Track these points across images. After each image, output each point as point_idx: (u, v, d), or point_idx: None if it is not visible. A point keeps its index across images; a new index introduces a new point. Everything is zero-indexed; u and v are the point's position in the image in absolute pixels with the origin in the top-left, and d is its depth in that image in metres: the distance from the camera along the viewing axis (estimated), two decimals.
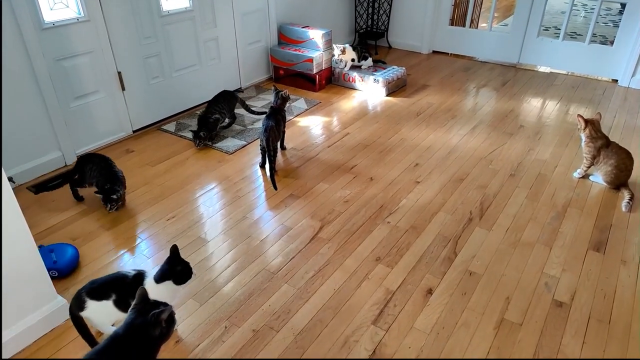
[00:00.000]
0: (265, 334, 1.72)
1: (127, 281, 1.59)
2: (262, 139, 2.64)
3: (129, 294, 1.54)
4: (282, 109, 2.84)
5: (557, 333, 1.71)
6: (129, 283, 1.58)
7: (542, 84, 4.05)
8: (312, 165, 2.82)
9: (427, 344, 1.67)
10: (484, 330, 1.72)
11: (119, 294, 1.57)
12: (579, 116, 2.56)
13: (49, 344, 1.68)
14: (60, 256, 1.98)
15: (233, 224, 2.31)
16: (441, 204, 2.45)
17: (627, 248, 2.12)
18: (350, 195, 2.53)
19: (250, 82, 4.02)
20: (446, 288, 1.91)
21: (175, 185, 2.63)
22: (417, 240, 2.18)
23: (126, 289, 1.57)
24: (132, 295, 1.49)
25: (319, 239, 2.21)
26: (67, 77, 2.71)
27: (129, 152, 2.97)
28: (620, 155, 2.47)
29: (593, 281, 1.94)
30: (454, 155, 2.92)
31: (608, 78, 4.11)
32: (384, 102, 3.71)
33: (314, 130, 3.26)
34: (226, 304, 1.85)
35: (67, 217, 2.36)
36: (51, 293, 1.74)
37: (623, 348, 1.65)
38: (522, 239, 2.19)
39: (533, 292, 1.89)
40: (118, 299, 1.57)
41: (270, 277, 1.98)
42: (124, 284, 1.59)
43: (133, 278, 1.60)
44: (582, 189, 2.56)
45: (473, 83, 4.10)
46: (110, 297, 1.57)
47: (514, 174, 2.71)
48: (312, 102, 3.69)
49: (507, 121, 3.37)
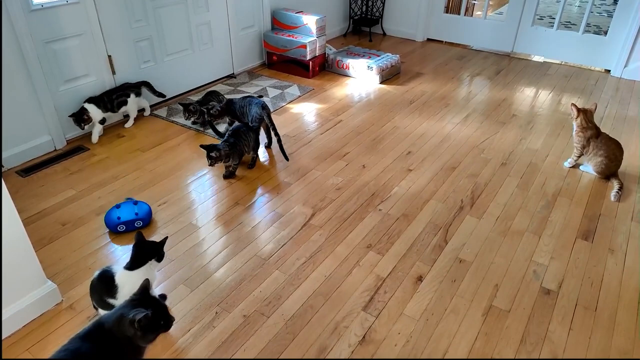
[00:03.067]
0: (255, 320, 1.73)
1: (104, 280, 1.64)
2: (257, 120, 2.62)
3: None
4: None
5: (544, 320, 1.74)
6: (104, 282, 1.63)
7: (536, 73, 4.06)
8: (305, 152, 2.81)
9: (416, 330, 1.69)
10: (473, 317, 1.74)
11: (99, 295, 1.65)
12: (572, 105, 2.56)
13: (39, 328, 1.68)
14: (141, 210, 2.18)
15: (225, 210, 2.31)
16: (433, 192, 2.46)
17: (614, 237, 2.15)
18: (343, 183, 2.53)
19: (243, 67, 3.97)
20: (436, 275, 1.93)
21: (166, 171, 2.61)
22: (408, 228, 2.19)
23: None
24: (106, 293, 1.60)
25: (310, 225, 2.21)
26: (56, 60, 2.67)
27: (120, 137, 2.94)
28: (610, 146, 2.49)
29: (581, 269, 1.97)
30: (446, 144, 2.92)
31: (601, 68, 4.12)
32: (378, 90, 3.70)
33: (306, 117, 3.25)
34: (217, 290, 1.85)
35: (57, 201, 2.34)
36: (40, 277, 1.73)
37: (608, 335, 1.68)
38: (512, 227, 2.21)
39: (521, 280, 1.91)
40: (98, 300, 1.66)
41: (261, 264, 1.98)
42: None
43: (98, 278, 1.65)
44: (572, 179, 2.58)
45: (467, 71, 4.09)
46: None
47: (506, 163, 2.72)
48: (306, 89, 3.66)
49: (500, 110, 3.37)
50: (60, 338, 1.64)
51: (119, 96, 2.90)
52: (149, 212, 2.20)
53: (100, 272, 1.65)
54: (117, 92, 2.91)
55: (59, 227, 2.17)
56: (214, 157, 2.40)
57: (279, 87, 3.69)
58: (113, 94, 2.89)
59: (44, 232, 2.14)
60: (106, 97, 2.86)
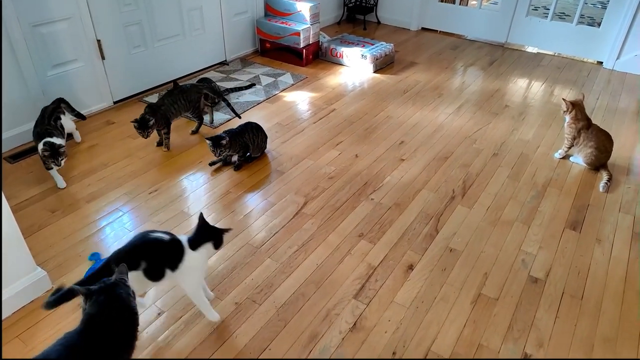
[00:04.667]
0: (247, 307, 1.73)
1: (163, 246, 1.51)
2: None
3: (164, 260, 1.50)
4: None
5: (531, 307, 1.76)
6: (164, 248, 1.51)
7: (529, 64, 4.06)
8: (298, 141, 2.81)
9: (406, 317, 1.71)
10: (462, 305, 1.77)
11: (151, 261, 1.49)
12: (564, 100, 2.57)
13: (29, 315, 1.67)
14: None
15: (216, 199, 2.30)
16: (425, 182, 2.47)
17: (602, 227, 2.18)
18: (335, 172, 2.53)
19: (235, 54, 3.93)
20: (427, 264, 1.95)
21: (157, 158, 2.59)
22: (399, 217, 2.21)
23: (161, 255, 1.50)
24: (168, 262, 1.49)
25: (302, 214, 2.21)
26: (44, 44, 2.62)
27: (110, 123, 2.91)
28: (601, 138, 2.51)
29: (568, 258, 2.00)
30: (439, 134, 2.93)
31: (593, 60, 4.13)
32: (371, 79, 3.68)
33: (300, 106, 3.23)
34: (209, 278, 1.85)
35: (46, 188, 2.31)
36: (30, 264, 1.72)
37: (593, 323, 1.71)
38: (502, 217, 2.23)
39: (510, 269, 1.94)
40: (150, 268, 1.49)
41: (253, 252, 1.99)
42: (157, 249, 1.51)
43: (170, 243, 1.52)
44: (562, 170, 2.60)
45: (461, 61, 4.09)
46: (140, 266, 1.48)
47: (497, 153, 2.74)
48: (299, 77, 3.64)
49: (493, 101, 3.38)
50: (50, 325, 1.64)
51: (55, 119, 2.44)
52: None
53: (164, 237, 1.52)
54: (50, 117, 2.43)
55: (48, 214, 2.15)
56: (222, 146, 2.36)
57: (272, 75, 3.67)
58: (50, 119, 2.42)
59: (33, 219, 2.12)
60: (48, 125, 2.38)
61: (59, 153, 2.22)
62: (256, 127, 2.55)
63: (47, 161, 2.23)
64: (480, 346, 1.61)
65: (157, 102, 2.59)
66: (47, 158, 2.21)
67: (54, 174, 2.32)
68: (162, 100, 2.59)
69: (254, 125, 2.54)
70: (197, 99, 2.73)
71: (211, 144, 2.36)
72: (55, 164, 2.24)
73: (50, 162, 2.23)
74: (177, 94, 2.63)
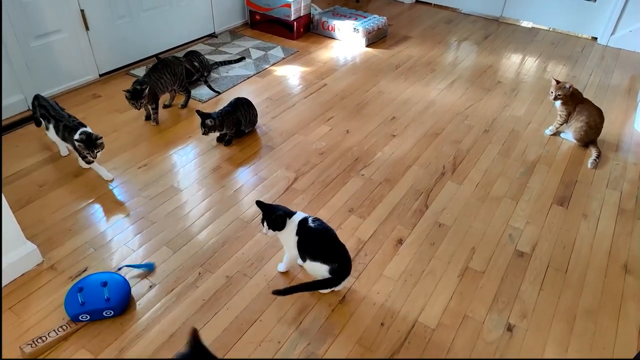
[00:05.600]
0: (238, 280, 1.75)
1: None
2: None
3: None
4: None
5: (516, 280, 1.80)
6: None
7: (523, 39, 4.03)
8: (288, 116, 2.78)
9: (394, 290, 1.74)
10: (449, 278, 1.80)
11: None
12: (557, 81, 2.54)
13: (20, 288, 1.68)
14: (113, 292, 1.60)
15: (207, 174, 2.29)
16: (415, 157, 2.48)
17: (589, 203, 2.22)
18: (326, 147, 2.52)
19: (225, 27, 3.85)
20: (416, 239, 1.97)
21: (146, 132, 2.56)
22: (390, 193, 2.22)
23: None
24: None
25: (293, 189, 2.22)
26: (26, 14, 2.53)
27: (96, 97, 2.86)
28: (592, 113, 2.52)
29: (554, 233, 2.03)
30: (430, 110, 2.92)
31: (588, 36, 4.11)
32: (363, 53, 3.64)
33: (290, 80, 3.19)
34: (200, 252, 1.86)
35: (33, 162, 2.29)
36: (19, 238, 1.72)
37: (576, 295, 1.76)
38: (491, 193, 2.25)
39: (497, 243, 1.97)
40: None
41: (244, 226, 2.00)
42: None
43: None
44: (552, 146, 2.62)
45: (455, 36, 4.04)
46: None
47: (488, 129, 2.74)
48: (290, 51, 3.58)
49: (486, 76, 3.36)
50: (42, 298, 1.65)
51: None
52: (125, 297, 1.62)
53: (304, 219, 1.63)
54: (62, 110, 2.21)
55: (36, 189, 2.13)
56: (209, 126, 2.34)
57: (262, 48, 3.60)
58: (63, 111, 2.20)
59: (21, 193, 2.10)
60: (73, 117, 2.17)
61: (95, 145, 2.04)
62: (247, 102, 2.52)
63: (84, 153, 2.05)
64: (466, 317, 1.65)
65: (142, 78, 2.54)
66: (83, 150, 2.03)
67: (97, 167, 2.17)
68: (147, 76, 2.54)
69: (245, 101, 2.51)
70: (181, 72, 2.68)
71: (200, 122, 2.34)
72: (91, 156, 2.06)
73: (86, 153, 2.05)
74: (161, 68, 2.58)
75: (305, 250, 1.63)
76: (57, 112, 2.17)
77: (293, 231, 1.63)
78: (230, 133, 2.48)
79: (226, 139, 2.49)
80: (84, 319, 1.56)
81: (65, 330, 1.52)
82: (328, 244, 1.62)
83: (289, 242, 1.66)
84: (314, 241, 1.62)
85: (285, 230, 1.63)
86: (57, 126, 2.14)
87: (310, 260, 1.63)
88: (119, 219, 2.00)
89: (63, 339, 1.51)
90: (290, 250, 1.68)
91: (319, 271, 1.62)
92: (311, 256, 1.62)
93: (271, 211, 1.63)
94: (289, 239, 1.65)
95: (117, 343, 1.52)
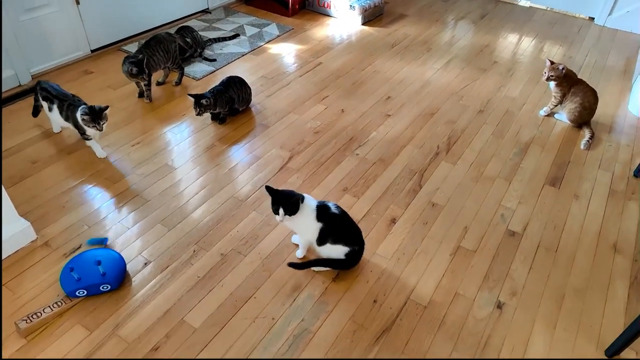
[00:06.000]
0: (233, 258, 1.77)
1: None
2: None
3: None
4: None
5: (507, 259, 1.83)
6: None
7: (521, 18, 3.99)
8: (283, 95, 2.76)
9: (387, 268, 1.76)
10: (441, 256, 1.83)
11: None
12: (552, 63, 2.52)
13: (14, 265, 1.68)
14: (109, 267, 1.62)
15: (201, 152, 2.28)
16: (410, 137, 2.48)
17: (581, 184, 2.24)
18: (321, 127, 2.51)
19: (218, 2, 3.77)
20: (409, 218, 1.99)
21: (139, 110, 2.54)
22: (384, 173, 2.23)
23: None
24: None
25: (287, 168, 2.22)
26: None
27: (88, 73, 2.81)
28: (587, 93, 2.52)
29: (546, 213, 2.06)
30: (426, 90, 2.90)
31: (585, 16, 4.07)
32: (359, 32, 3.59)
33: (285, 59, 3.15)
34: (194, 230, 1.87)
35: (25, 139, 2.26)
36: (13, 215, 1.71)
37: (565, 274, 1.79)
38: (484, 173, 2.26)
39: (489, 223, 1.99)
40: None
41: (238, 205, 2.00)
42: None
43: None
44: (546, 127, 2.62)
45: (452, 14, 3.99)
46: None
47: (483, 110, 2.74)
48: (285, 28, 3.53)
49: (482, 56, 3.34)
50: (37, 274, 1.65)
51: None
52: (121, 272, 1.63)
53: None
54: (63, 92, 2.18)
55: (29, 165, 2.11)
56: (204, 105, 2.30)
57: (257, 25, 3.54)
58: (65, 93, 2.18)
59: (13, 170, 2.08)
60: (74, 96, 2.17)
61: (100, 117, 2.03)
62: (239, 80, 2.49)
63: (89, 125, 2.03)
64: (457, 294, 1.68)
65: (135, 54, 2.49)
66: (88, 122, 2.02)
67: (93, 144, 2.17)
68: (140, 52, 2.50)
69: (237, 79, 2.48)
70: (175, 49, 2.64)
71: (193, 102, 2.31)
72: (97, 128, 2.04)
73: (91, 126, 2.04)
74: (154, 45, 2.54)
75: (329, 235, 1.63)
76: (60, 92, 2.14)
77: (311, 216, 1.61)
78: (224, 112, 2.45)
79: (220, 117, 2.47)
80: (81, 294, 1.57)
81: (60, 307, 1.53)
82: (352, 227, 1.67)
83: (307, 227, 1.64)
84: (339, 226, 1.64)
85: (300, 215, 1.60)
86: (62, 106, 2.11)
87: (331, 244, 1.64)
88: (113, 197, 1.99)
89: (58, 315, 1.53)
90: (307, 235, 1.67)
91: (336, 253, 1.66)
92: (334, 240, 1.64)
93: (285, 196, 1.59)
94: (307, 225, 1.63)
95: (112, 319, 1.53)
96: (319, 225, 1.62)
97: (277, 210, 1.58)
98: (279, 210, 1.58)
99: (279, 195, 1.59)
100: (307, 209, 1.61)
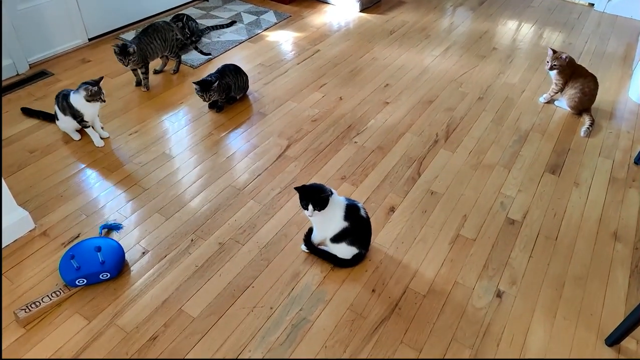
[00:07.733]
0: (231, 247, 1.76)
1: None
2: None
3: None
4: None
5: (506, 247, 1.83)
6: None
7: (520, 4, 3.94)
8: (280, 83, 2.73)
9: (386, 257, 1.76)
10: (440, 245, 1.82)
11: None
12: (555, 51, 2.49)
13: (13, 254, 1.68)
14: (108, 255, 1.61)
15: (198, 140, 2.26)
16: (409, 125, 2.46)
17: (581, 171, 2.23)
18: (319, 115, 2.49)
19: None
20: (408, 206, 1.98)
21: (137, 98, 2.51)
22: (382, 161, 2.21)
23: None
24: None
25: (285, 157, 2.20)
26: None
27: (86, 62, 2.78)
28: (587, 80, 2.50)
29: (545, 201, 2.05)
30: (425, 77, 2.88)
31: (585, 2, 4.02)
32: (357, 19, 3.55)
33: (283, 46, 3.12)
34: (192, 219, 1.86)
35: (23, 128, 2.24)
36: (11, 204, 1.70)
37: (565, 262, 1.79)
38: (483, 161, 2.25)
39: (489, 211, 1.98)
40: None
41: (236, 194, 1.99)
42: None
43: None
44: (546, 114, 2.61)
45: (450, 1, 3.94)
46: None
47: (482, 97, 2.72)
48: (282, 16, 3.49)
49: (481, 43, 3.31)
50: (36, 263, 1.65)
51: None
52: (120, 260, 1.63)
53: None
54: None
55: (27, 155, 2.10)
56: (215, 90, 2.29)
57: (255, 12, 3.50)
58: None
59: (11, 159, 2.07)
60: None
61: (100, 87, 2.06)
62: (235, 68, 2.46)
63: (95, 98, 2.05)
64: (456, 283, 1.68)
65: (132, 41, 2.46)
66: (94, 95, 2.04)
67: (91, 132, 2.16)
68: (137, 39, 2.47)
69: (232, 67, 2.45)
70: (172, 38, 2.61)
71: (199, 88, 2.28)
72: (102, 99, 2.08)
73: (97, 99, 2.06)
74: (151, 33, 2.51)
75: (350, 236, 1.61)
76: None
77: (338, 214, 1.59)
78: (221, 99, 2.43)
79: (217, 106, 2.45)
80: (80, 283, 1.56)
81: (58, 296, 1.53)
82: (369, 233, 1.69)
83: (330, 224, 1.61)
84: (362, 231, 1.65)
85: (329, 210, 1.56)
86: (58, 102, 2.11)
87: (347, 244, 1.63)
88: (110, 186, 1.98)
89: (57, 304, 1.53)
90: (325, 231, 1.65)
91: (345, 253, 1.66)
92: (351, 241, 1.63)
93: (315, 191, 1.54)
94: (331, 221, 1.60)
95: (110, 308, 1.53)
96: (344, 225, 1.59)
97: (306, 205, 1.55)
98: (308, 206, 1.54)
99: (307, 190, 1.56)
100: (336, 206, 1.59)
